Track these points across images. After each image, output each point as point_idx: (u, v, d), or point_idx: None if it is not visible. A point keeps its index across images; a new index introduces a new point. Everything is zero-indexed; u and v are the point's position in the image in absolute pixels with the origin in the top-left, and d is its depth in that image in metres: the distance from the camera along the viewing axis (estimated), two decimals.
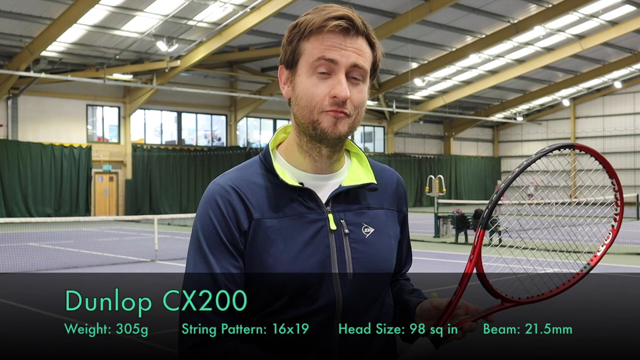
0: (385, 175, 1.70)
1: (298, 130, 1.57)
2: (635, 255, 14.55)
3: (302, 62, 1.52)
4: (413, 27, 27.33)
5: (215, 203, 1.52)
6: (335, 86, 1.48)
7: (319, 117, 1.50)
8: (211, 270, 1.49)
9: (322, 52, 1.49)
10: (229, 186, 1.54)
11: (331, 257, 1.53)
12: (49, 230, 21.60)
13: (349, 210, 1.59)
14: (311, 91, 1.50)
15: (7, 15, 21.94)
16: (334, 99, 1.48)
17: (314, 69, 1.50)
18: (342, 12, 1.50)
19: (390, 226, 1.66)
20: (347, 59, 1.49)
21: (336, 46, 1.49)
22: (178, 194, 32.09)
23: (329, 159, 1.58)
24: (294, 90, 1.54)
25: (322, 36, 1.50)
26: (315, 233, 1.54)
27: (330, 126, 1.50)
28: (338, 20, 1.49)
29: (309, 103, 1.51)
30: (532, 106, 45.48)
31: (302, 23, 1.52)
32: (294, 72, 1.54)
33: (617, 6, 28.59)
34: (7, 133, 27.54)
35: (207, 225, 1.52)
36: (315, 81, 1.50)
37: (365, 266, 1.56)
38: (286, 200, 1.54)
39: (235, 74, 32.26)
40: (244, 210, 1.52)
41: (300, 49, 1.52)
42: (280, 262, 1.50)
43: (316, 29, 1.49)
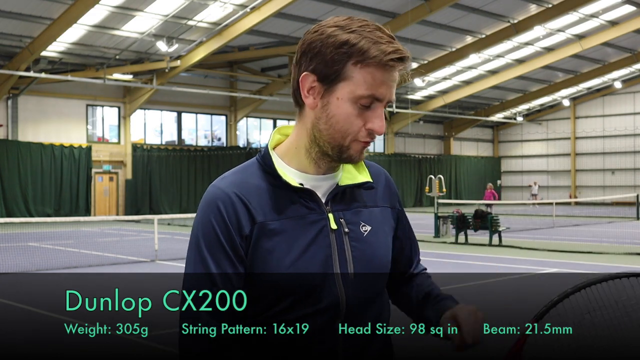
0: (376, 173, 1.71)
1: (313, 141, 1.55)
2: (635, 255, 14.55)
3: (345, 86, 1.47)
4: (413, 27, 27.32)
5: (217, 208, 1.51)
6: (374, 121, 1.49)
7: (351, 144, 1.51)
8: (210, 271, 1.50)
9: (372, 88, 1.47)
10: (232, 191, 1.53)
11: (333, 256, 1.54)
12: (49, 230, 21.59)
13: (347, 209, 1.60)
14: (351, 120, 1.49)
15: (7, 15, 21.94)
16: (371, 132, 1.50)
17: (358, 100, 1.47)
18: (401, 49, 1.47)
19: (385, 223, 1.66)
20: (390, 95, 1.50)
21: (385, 83, 1.48)
22: (178, 194, 32.10)
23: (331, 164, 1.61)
24: (326, 108, 1.50)
25: (379, 72, 1.46)
26: (317, 233, 1.54)
27: (357, 153, 1.53)
28: (401, 63, 1.47)
29: (345, 130, 1.49)
30: (532, 106, 45.48)
31: (356, 46, 1.45)
32: (331, 90, 1.49)
33: (617, 6, 28.59)
34: (7, 133, 27.54)
35: (209, 231, 1.51)
36: (357, 111, 1.48)
37: (365, 265, 1.57)
38: (287, 202, 1.54)
39: (235, 74, 32.26)
40: (246, 215, 1.51)
41: (346, 72, 1.47)
42: (284, 264, 1.50)
43: (375, 63, 1.45)
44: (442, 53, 31.94)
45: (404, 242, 1.77)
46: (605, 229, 22.66)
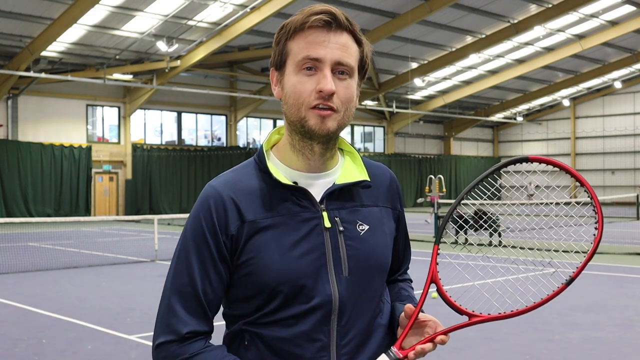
0: (379, 173, 1.71)
1: (290, 129, 1.58)
2: (635, 255, 14.55)
3: (289, 62, 1.54)
4: (413, 27, 27.34)
5: (207, 207, 1.55)
6: (321, 81, 1.50)
7: (307, 114, 1.52)
8: (191, 271, 1.54)
9: (307, 49, 1.51)
10: (224, 190, 1.56)
11: (326, 254, 1.54)
12: (49, 230, 21.60)
13: (343, 208, 1.60)
14: (298, 88, 1.52)
15: (7, 15, 21.94)
16: (319, 94, 1.50)
17: (300, 67, 1.52)
18: (323, 7, 1.52)
19: (385, 223, 1.66)
20: (331, 55, 1.51)
21: (320, 43, 1.51)
22: (178, 194, 32.11)
23: (321, 156, 1.59)
24: (283, 89, 1.56)
25: (305, 33, 1.52)
26: (309, 231, 1.54)
27: (317, 123, 1.51)
28: (319, 15, 1.51)
29: (296, 100, 1.52)
30: (532, 106, 45.50)
31: (288, 24, 1.55)
32: (283, 72, 1.56)
33: (617, 6, 28.60)
34: (7, 133, 27.55)
35: (197, 227, 1.55)
36: (301, 78, 1.52)
37: (360, 263, 1.57)
38: (279, 200, 1.55)
39: (235, 74, 32.27)
40: (235, 214, 1.53)
41: (287, 49, 1.54)
42: (275, 262, 1.51)
43: (299, 27, 1.52)
44: (442, 53, 31.95)
45: (400, 245, 1.78)
46: (605, 228, 22.46)
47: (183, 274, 1.54)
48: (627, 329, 7.59)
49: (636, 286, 10.69)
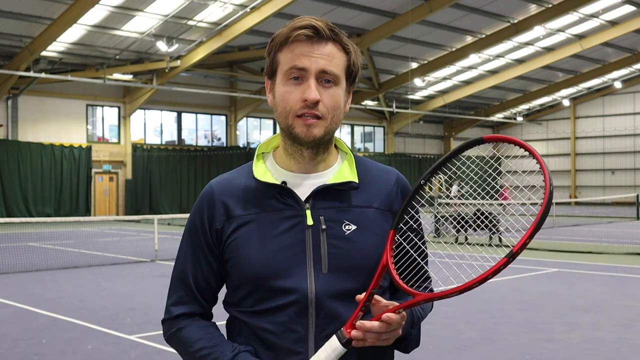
0: (381, 176, 1.74)
1: (282, 134, 1.68)
2: (635, 255, 14.55)
3: (279, 72, 1.65)
4: (413, 27, 27.32)
5: (200, 204, 1.73)
6: (305, 90, 1.59)
7: (293, 122, 1.61)
8: (186, 261, 1.74)
9: (293, 61, 1.60)
10: (217, 188, 1.72)
11: (306, 251, 1.61)
12: (49, 230, 21.60)
13: (331, 207, 1.66)
14: (285, 97, 1.62)
15: (7, 15, 21.95)
16: (305, 102, 1.59)
17: (287, 77, 1.62)
18: (306, 21, 1.61)
19: (378, 225, 1.68)
20: (316, 65, 1.59)
21: (305, 54, 1.60)
22: (178, 194, 32.11)
23: (311, 160, 1.67)
24: (274, 97, 1.67)
25: (291, 47, 1.61)
26: (290, 227, 1.62)
27: (303, 131, 1.60)
28: (301, 30, 1.60)
29: (284, 108, 1.62)
30: (532, 106, 45.51)
31: (276, 36, 1.65)
32: (274, 81, 1.67)
33: (617, 6, 28.61)
34: (7, 133, 27.55)
35: (192, 222, 1.74)
36: (289, 87, 1.62)
37: (342, 262, 1.62)
38: (265, 198, 1.66)
39: (235, 74, 32.27)
40: (222, 210, 1.68)
41: (276, 60, 1.65)
42: (253, 255, 1.62)
43: (284, 40, 1.62)
44: (442, 53, 31.95)
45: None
46: (605, 228, 22.67)
47: (180, 263, 1.75)
48: (627, 329, 7.59)
49: (636, 286, 10.68)
